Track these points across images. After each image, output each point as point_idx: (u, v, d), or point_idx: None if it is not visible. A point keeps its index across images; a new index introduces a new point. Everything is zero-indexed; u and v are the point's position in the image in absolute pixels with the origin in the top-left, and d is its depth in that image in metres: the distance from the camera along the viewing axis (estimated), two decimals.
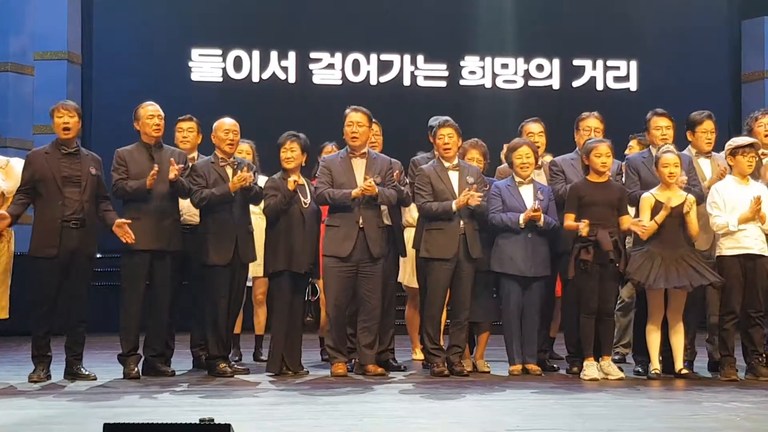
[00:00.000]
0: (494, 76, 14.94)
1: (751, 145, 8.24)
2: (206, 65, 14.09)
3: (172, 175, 7.91)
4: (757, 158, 8.30)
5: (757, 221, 8.11)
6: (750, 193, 8.11)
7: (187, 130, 8.86)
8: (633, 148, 9.51)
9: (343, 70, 14.50)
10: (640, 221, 8.07)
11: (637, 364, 8.50)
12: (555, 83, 15.11)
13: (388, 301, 8.60)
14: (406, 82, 14.66)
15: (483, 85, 14.92)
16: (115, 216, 7.89)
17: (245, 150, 8.99)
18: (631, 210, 8.37)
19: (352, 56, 14.48)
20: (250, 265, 8.45)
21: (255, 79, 14.20)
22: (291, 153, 8.27)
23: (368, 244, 8.21)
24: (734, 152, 8.24)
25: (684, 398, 7.35)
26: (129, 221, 7.85)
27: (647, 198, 8.15)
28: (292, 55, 14.30)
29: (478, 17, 14.78)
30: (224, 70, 14.12)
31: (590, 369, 8.10)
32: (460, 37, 14.76)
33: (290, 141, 8.29)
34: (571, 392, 7.49)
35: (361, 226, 8.22)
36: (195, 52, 14.03)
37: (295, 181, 8.13)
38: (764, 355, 8.33)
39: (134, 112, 8.24)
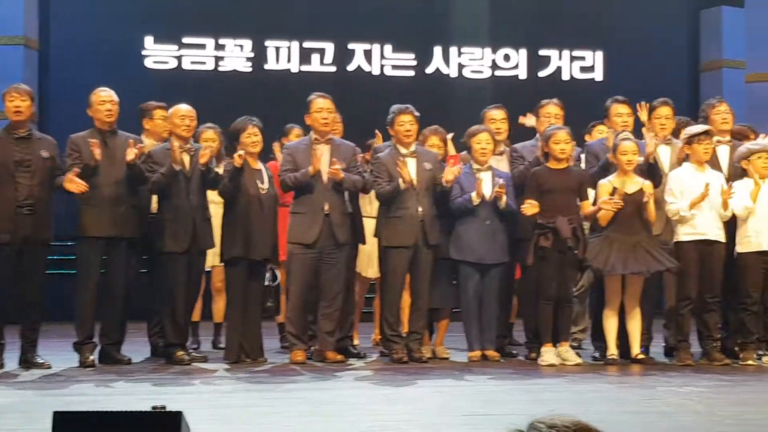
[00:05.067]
0: (461, 66, 14.92)
1: (706, 133, 8.27)
2: (161, 52, 13.96)
3: (130, 157, 7.84)
4: (712, 145, 8.34)
5: (716, 208, 8.15)
6: (706, 180, 8.15)
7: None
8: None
9: (307, 58, 14.40)
10: (611, 199, 8.04)
11: (595, 350, 8.55)
12: (522, 73, 15.09)
13: (349, 289, 8.58)
14: (375, 71, 14.61)
15: (450, 74, 14.89)
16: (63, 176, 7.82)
17: (210, 137, 8.93)
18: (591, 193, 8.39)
19: (312, 44, 14.38)
20: (210, 253, 8.41)
21: (210, 66, 14.08)
22: (255, 137, 8.24)
23: (333, 231, 8.19)
24: (690, 140, 8.28)
25: (639, 383, 7.41)
26: (79, 170, 7.76)
27: (605, 185, 8.17)
28: (248, 43, 14.20)
29: (446, 7, 14.73)
30: (179, 57, 14.00)
31: (548, 355, 8.12)
32: (428, 27, 14.72)
33: (252, 125, 8.26)
34: (529, 378, 7.52)
35: (326, 212, 8.19)
36: (149, 39, 13.91)
37: (240, 156, 8.06)
38: (719, 341, 8.39)
39: (88, 98, 8.18)
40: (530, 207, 8.03)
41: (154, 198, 8.28)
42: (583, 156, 8.79)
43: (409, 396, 6.70)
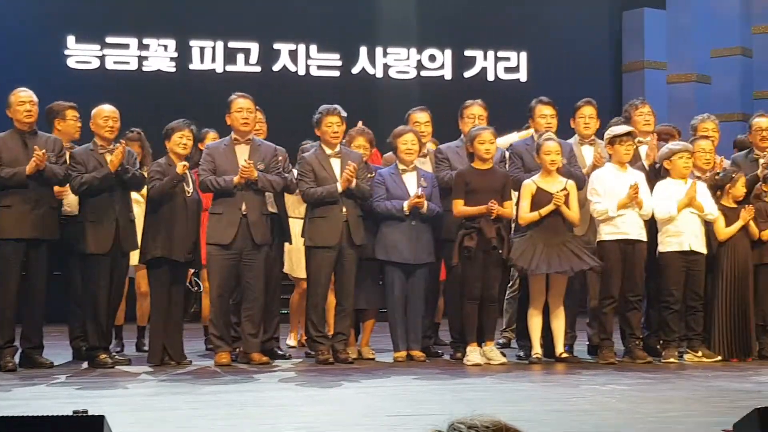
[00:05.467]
0: (387, 66, 14.93)
1: (628, 134, 8.37)
2: (83, 52, 13.77)
3: (34, 164, 7.73)
4: (634, 146, 8.44)
5: (635, 207, 8.25)
6: (628, 181, 8.25)
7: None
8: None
9: (231, 58, 14.31)
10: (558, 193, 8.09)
11: (520, 349, 8.61)
12: (447, 74, 15.15)
13: (273, 289, 8.55)
14: (301, 71, 14.56)
15: (375, 75, 14.90)
16: None
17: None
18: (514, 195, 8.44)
19: (237, 44, 14.29)
20: (133, 255, 8.32)
21: (134, 66, 13.93)
22: (187, 140, 8.18)
23: (251, 232, 8.14)
24: (612, 141, 8.37)
25: (563, 381, 7.47)
26: None
27: (528, 185, 8.22)
28: (172, 42, 14.07)
29: (371, 7, 14.74)
30: (102, 57, 13.83)
31: (473, 354, 8.16)
32: (353, 27, 14.71)
33: (187, 129, 8.20)
34: (454, 377, 7.55)
35: (244, 213, 8.14)
36: (71, 39, 13.72)
37: (184, 166, 8.02)
38: (641, 339, 8.50)
39: (7, 99, 8.06)
40: (493, 206, 8.03)
41: (69, 200, 8.18)
42: (507, 156, 8.84)
43: (333, 397, 6.68)
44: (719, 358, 8.37)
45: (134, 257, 8.46)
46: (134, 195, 8.37)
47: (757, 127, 9.04)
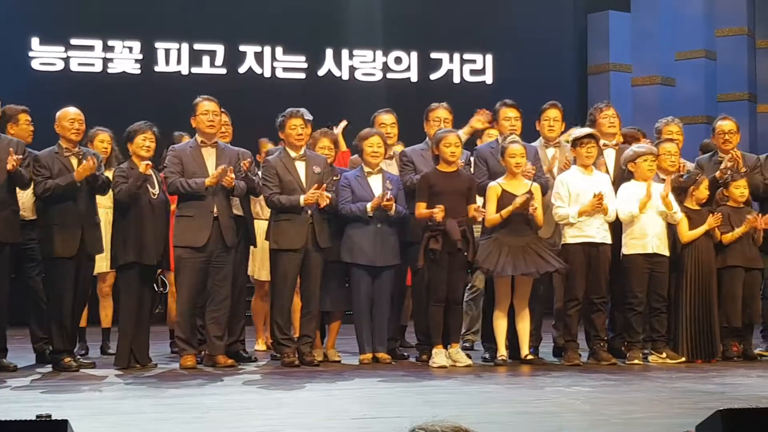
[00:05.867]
0: (353, 68, 14.93)
1: (590, 136, 8.41)
2: (48, 54, 13.67)
3: (9, 166, 7.69)
4: (598, 149, 8.47)
5: (600, 214, 8.29)
6: (593, 183, 8.29)
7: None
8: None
9: (197, 60, 14.25)
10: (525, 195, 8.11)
11: (485, 351, 8.63)
12: (413, 76, 15.17)
13: (239, 292, 8.54)
14: (267, 73, 14.53)
15: (342, 77, 14.90)
16: None
17: (106, 140, 8.84)
18: (479, 200, 8.46)
19: (203, 46, 14.24)
20: (96, 258, 8.28)
21: (98, 68, 13.85)
22: (150, 142, 8.15)
23: (222, 234, 8.12)
24: (575, 144, 8.41)
25: (528, 383, 7.50)
26: None
27: (494, 187, 8.25)
28: (137, 44, 13.99)
29: (337, 9, 14.74)
30: (66, 59, 13.74)
31: (439, 357, 8.17)
32: (319, 29, 14.69)
33: (150, 131, 8.17)
34: (420, 380, 7.55)
35: (215, 215, 8.12)
36: (35, 41, 13.63)
37: (147, 165, 7.99)
38: (606, 341, 8.55)
39: None
40: (439, 212, 8.03)
41: (24, 205, 8.13)
42: (472, 159, 8.86)
43: (298, 400, 6.67)
44: (683, 359, 8.43)
45: (100, 260, 8.43)
46: (100, 199, 8.31)
47: (719, 130, 9.11)
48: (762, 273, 8.90)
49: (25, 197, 8.17)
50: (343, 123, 9.63)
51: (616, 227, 8.51)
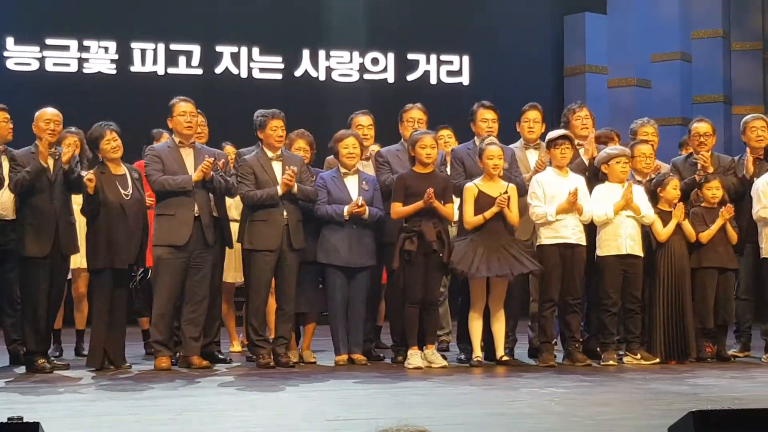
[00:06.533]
0: (330, 69, 14.92)
1: (564, 137, 8.44)
2: (23, 54, 13.58)
3: None
4: (572, 150, 8.51)
5: (575, 212, 8.32)
6: (568, 184, 8.32)
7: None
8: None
9: (173, 60, 14.19)
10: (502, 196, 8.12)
11: (461, 352, 8.64)
12: (390, 77, 15.16)
13: (215, 294, 8.51)
14: (243, 74, 14.49)
15: (318, 78, 14.88)
16: None
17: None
18: (456, 200, 8.47)
19: (179, 46, 14.18)
20: (72, 258, 8.24)
21: (74, 68, 13.77)
22: (114, 143, 8.11)
23: (204, 232, 8.10)
24: (549, 145, 8.44)
25: (503, 385, 7.51)
26: None
27: (470, 188, 8.26)
28: (112, 44, 13.93)
29: (315, 10, 14.72)
30: (41, 59, 13.65)
31: (414, 358, 8.17)
32: (296, 30, 14.67)
33: (109, 131, 8.12)
34: (395, 381, 7.55)
35: (197, 214, 8.09)
36: (10, 40, 13.54)
37: (91, 180, 7.86)
38: (581, 342, 8.57)
39: None
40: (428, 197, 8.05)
41: (10, 204, 8.10)
42: (449, 160, 8.88)
43: (273, 401, 6.66)
44: (657, 360, 8.46)
45: (75, 260, 8.40)
46: (76, 198, 8.27)
47: (695, 133, 9.16)
48: (736, 274, 8.94)
49: (5, 197, 8.12)
50: None
51: (591, 228, 8.53)
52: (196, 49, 14.21)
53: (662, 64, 15.90)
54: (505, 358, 8.32)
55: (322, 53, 14.83)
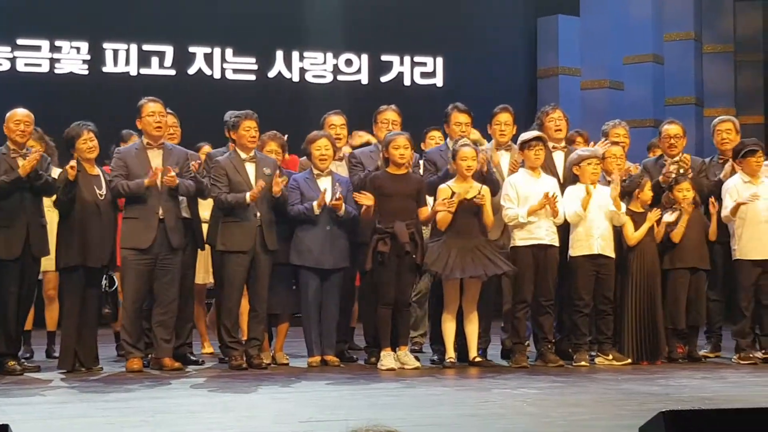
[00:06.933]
0: (303, 70, 14.90)
1: (537, 139, 8.46)
2: None
3: None
4: (546, 151, 8.53)
5: (550, 215, 8.34)
6: (541, 185, 8.34)
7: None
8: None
9: (146, 61, 14.13)
10: (446, 201, 8.13)
11: (434, 353, 8.65)
12: (364, 78, 15.16)
13: (186, 295, 8.49)
14: (216, 75, 14.45)
15: (292, 79, 14.86)
16: None
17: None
18: (429, 201, 8.48)
19: (152, 47, 14.09)
20: (42, 260, 8.19)
21: (45, 68, 13.66)
22: (91, 143, 8.08)
23: (168, 236, 8.07)
24: (522, 146, 8.46)
25: (476, 386, 7.52)
26: None
27: (444, 190, 8.26)
28: (84, 44, 13.85)
29: (289, 12, 14.70)
30: (12, 59, 13.53)
31: (387, 359, 8.18)
32: (270, 30, 14.63)
33: (87, 131, 8.09)
34: (368, 382, 7.55)
35: (161, 217, 8.06)
36: None
37: (73, 167, 7.87)
38: (554, 343, 8.60)
39: None
40: (365, 198, 8.07)
41: None
42: (422, 162, 8.88)
43: (246, 403, 6.64)
44: (629, 361, 8.50)
45: (46, 262, 8.35)
46: (46, 201, 8.23)
47: (666, 135, 9.20)
48: (707, 275, 8.99)
49: None
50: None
51: (565, 230, 8.56)
52: (168, 50, 14.14)
53: (634, 66, 15.97)
54: (478, 359, 8.33)
55: (295, 54, 14.80)
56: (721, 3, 16.51)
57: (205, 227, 8.54)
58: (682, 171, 8.91)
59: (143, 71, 13.98)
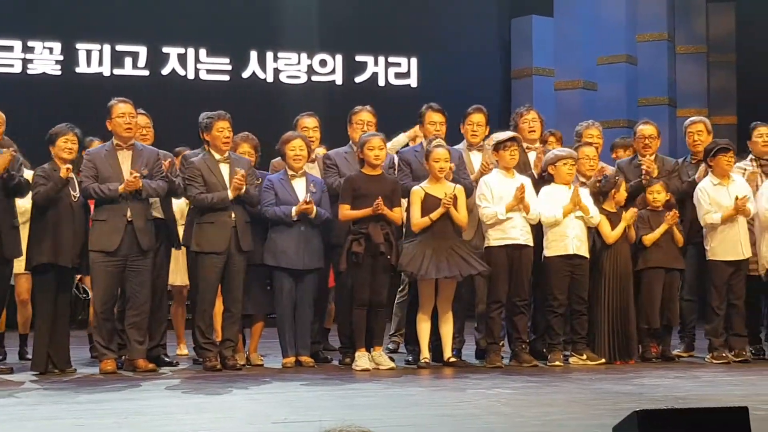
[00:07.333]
0: (277, 71, 14.88)
1: (512, 139, 8.47)
2: None
3: None
4: (520, 151, 8.54)
5: (522, 210, 8.35)
6: (515, 185, 8.35)
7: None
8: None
9: (119, 61, 14.07)
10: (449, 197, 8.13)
11: (409, 354, 8.65)
12: (338, 79, 15.15)
13: (160, 296, 8.47)
14: (190, 75, 14.41)
15: (266, 79, 14.83)
16: None
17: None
18: (404, 202, 8.48)
19: (125, 47, 14.03)
20: (14, 261, 8.15)
21: (18, 69, 13.58)
22: (71, 144, 8.05)
23: (137, 238, 8.04)
24: (497, 147, 8.47)
25: (451, 386, 7.53)
26: None
27: (417, 191, 8.27)
28: (57, 45, 13.78)
29: (263, 12, 14.68)
30: None
31: (362, 360, 8.17)
32: (243, 31, 14.61)
33: (71, 133, 8.06)
34: (343, 383, 7.54)
35: (129, 219, 8.02)
36: None
37: (68, 169, 7.89)
38: (528, 343, 8.62)
39: None
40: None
41: None
42: (396, 162, 8.88)
43: (220, 404, 6.63)
44: (603, 360, 8.53)
45: (18, 264, 8.30)
46: (20, 203, 8.18)
47: (640, 135, 9.23)
48: (681, 274, 9.03)
49: None
50: None
51: (539, 230, 8.58)
52: (142, 50, 14.10)
53: (608, 66, 16.04)
54: (453, 359, 8.34)
55: (269, 55, 14.79)
56: (693, 4, 16.60)
57: (181, 229, 8.51)
58: (647, 172, 8.94)
59: (116, 72, 13.94)
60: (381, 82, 15.31)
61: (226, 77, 14.61)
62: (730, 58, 16.67)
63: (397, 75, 15.40)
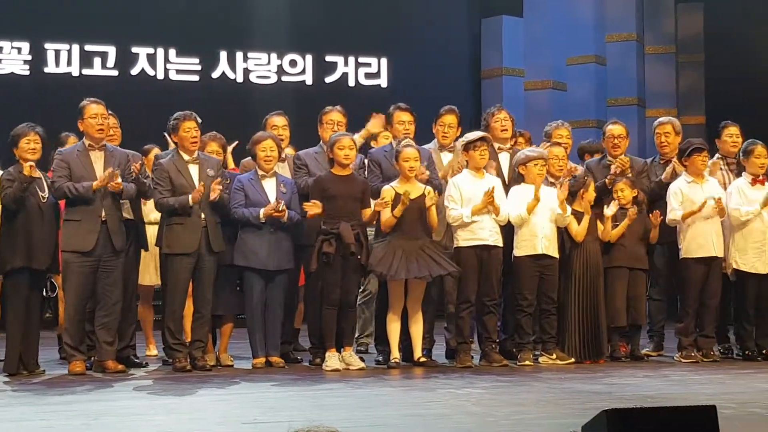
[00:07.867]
0: (247, 71, 14.86)
1: (482, 139, 8.49)
2: None
3: None
4: (490, 152, 8.56)
5: (491, 213, 8.37)
6: (484, 186, 8.36)
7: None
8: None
9: (88, 61, 14.01)
10: (383, 200, 8.15)
11: (379, 354, 8.65)
12: (308, 79, 15.15)
13: (130, 297, 8.44)
14: (160, 75, 14.36)
15: (236, 79, 14.81)
16: None
17: None
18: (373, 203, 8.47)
19: (94, 47, 13.99)
20: None
21: None
22: (35, 145, 8.00)
23: (111, 238, 8.01)
24: (467, 147, 8.48)
25: (421, 386, 7.53)
26: None
27: (388, 191, 8.26)
28: (25, 45, 13.71)
29: (233, 12, 14.67)
30: None
31: (332, 360, 8.17)
32: (213, 31, 14.60)
33: (33, 133, 8.01)
34: (313, 383, 7.53)
35: (103, 219, 7.99)
36: None
37: (31, 166, 7.83)
38: (498, 342, 8.63)
39: None
40: (313, 207, 8.06)
41: None
42: (366, 163, 8.88)
43: (189, 405, 6.61)
44: (572, 360, 8.56)
45: None
46: None
47: (609, 135, 9.27)
48: (648, 274, 9.07)
49: None
50: (234, 144, 9.47)
51: (509, 230, 8.60)
52: (111, 50, 14.06)
53: (577, 67, 16.12)
54: (423, 359, 8.36)
55: (239, 55, 14.78)
56: (662, 4, 16.71)
57: (154, 229, 8.47)
58: (619, 171, 8.97)
59: (85, 72, 13.89)
60: (351, 83, 15.33)
61: (196, 77, 14.58)
62: (698, 58, 16.79)
63: (368, 75, 15.41)
